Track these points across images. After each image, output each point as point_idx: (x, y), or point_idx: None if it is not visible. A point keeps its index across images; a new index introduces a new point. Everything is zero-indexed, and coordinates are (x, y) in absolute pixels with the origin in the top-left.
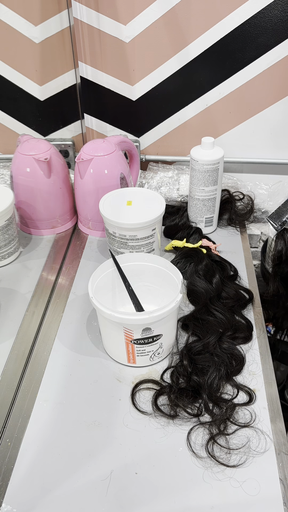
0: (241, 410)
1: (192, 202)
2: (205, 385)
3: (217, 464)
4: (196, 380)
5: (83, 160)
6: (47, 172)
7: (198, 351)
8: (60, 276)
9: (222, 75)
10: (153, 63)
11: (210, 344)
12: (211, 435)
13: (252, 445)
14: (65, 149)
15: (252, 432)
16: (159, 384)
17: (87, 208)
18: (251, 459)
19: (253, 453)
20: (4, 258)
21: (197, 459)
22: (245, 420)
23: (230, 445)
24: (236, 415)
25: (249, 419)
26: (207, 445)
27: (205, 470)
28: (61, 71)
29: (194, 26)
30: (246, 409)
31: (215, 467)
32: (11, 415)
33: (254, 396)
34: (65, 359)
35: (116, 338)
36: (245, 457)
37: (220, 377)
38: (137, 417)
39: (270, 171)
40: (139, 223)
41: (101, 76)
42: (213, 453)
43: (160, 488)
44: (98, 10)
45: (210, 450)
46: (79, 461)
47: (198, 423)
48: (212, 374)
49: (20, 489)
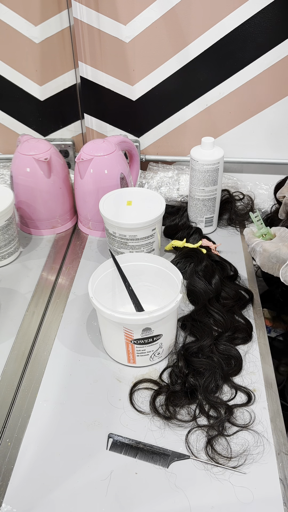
0: (241, 411)
1: (192, 202)
2: (201, 387)
3: (217, 465)
4: (192, 382)
5: (83, 160)
6: (47, 172)
7: (194, 352)
8: (60, 276)
9: (222, 75)
10: (153, 63)
11: (206, 346)
12: (209, 437)
13: (252, 445)
14: (65, 149)
15: (252, 432)
16: (158, 384)
17: (87, 208)
18: (251, 460)
19: (253, 453)
20: (4, 258)
21: (197, 459)
22: (244, 421)
23: (230, 445)
24: (236, 415)
25: (248, 420)
26: (206, 447)
27: (205, 470)
28: (61, 71)
29: (194, 26)
30: (245, 410)
31: (215, 468)
32: (11, 415)
33: (253, 396)
34: (65, 359)
35: (116, 338)
36: (245, 457)
37: (216, 379)
38: (136, 417)
39: (270, 171)
40: (139, 223)
41: (101, 76)
42: (213, 455)
43: (160, 488)
44: (98, 10)
45: (209, 452)
46: (79, 461)
47: (196, 426)
48: (208, 377)
49: (20, 489)
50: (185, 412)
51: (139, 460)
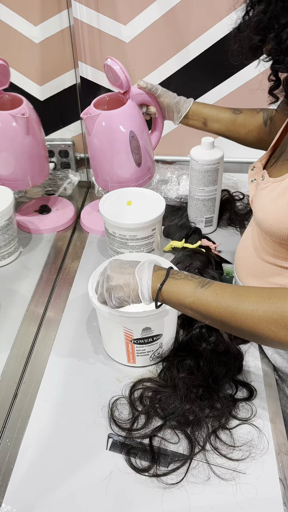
0: (240, 412)
1: (192, 202)
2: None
3: (217, 465)
4: None
5: (90, 115)
6: (25, 128)
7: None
8: (60, 276)
9: (222, 75)
10: (153, 63)
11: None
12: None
13: (252, 445)
14: (65, 149)
15: (252, 432)
16: (158, 383)
17: (103, 169)
18: (251, 460)
19: (253, 454)
20: (4, 258)
21: (197, 459)
22: (246, 414)
23: (230, 448)
24: (236, 416)
25: (250, 414)
26: (210, 437)
27: (205, 470)
28: (61, 71)
29: (194, 26)
30: (245, 407)
31: (215, 468)
32: (11, 415)
33: (254, 392)
34: (65, 359)
35: (116, 338)
36: (245, 457)
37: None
38: None
39: None
40: (139, 223)
41: (101, 76)
42: (215, 445)
43: (160, 488)
44: (98, 10)
45: (213, 442)
46: (79, 461)
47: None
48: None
49: (20, 489)
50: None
51: (139, 460)
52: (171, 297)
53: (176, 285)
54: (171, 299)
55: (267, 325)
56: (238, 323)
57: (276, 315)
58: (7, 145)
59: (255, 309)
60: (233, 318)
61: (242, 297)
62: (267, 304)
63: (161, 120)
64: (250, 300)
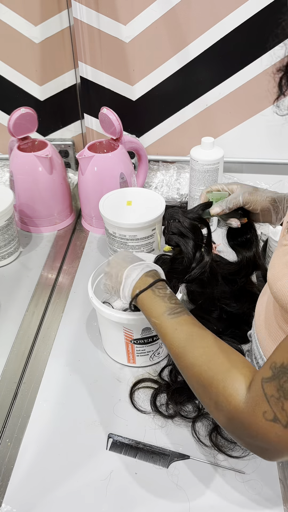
0: None
1: (192, 202)
2: None
3: (217, 465)
4: None
5: (84, 157)
6: (49, 168)
7: None
8: (60, 275)
9: (221, 75)
10: (153, 63)
11: None
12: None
13: None
14: (65, 149)
15: None
16: (158, 383)
17: (89, 205)
18: (251, 460)
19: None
20: (4, 258)
21: (197, 459)
22: None
23: (230, 446)
24: None
25: None
26: (211, 434)
27: (205, 470)
28: (61, 71)
29: (194, 26)
30: None
31: (215, 468)
32: (11, 415)
33: None
34: (65, 359)
35: (116, 338)
36: (245, 455)
37: None
38: (136, 417)
39: (270, 171)
40: (139, 223)
41: (101, 76)
42: (215, 461)
43: (160, 488)
44: (98, 10)
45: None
46: (79, 461)
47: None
48: None
49: (20, 489)
50: (187, 409)
51: (139, 460)
52: (142, 307)
53: (151, 299)
54: (143, 309)
55: (197, 384)
56: (180, 366)
57: (206, 381)
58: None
59: (194, 364)
60: (179, 360)
61: (192, 345)
62: (206, 363)
63: (145, 163)
64: (195, 353)
